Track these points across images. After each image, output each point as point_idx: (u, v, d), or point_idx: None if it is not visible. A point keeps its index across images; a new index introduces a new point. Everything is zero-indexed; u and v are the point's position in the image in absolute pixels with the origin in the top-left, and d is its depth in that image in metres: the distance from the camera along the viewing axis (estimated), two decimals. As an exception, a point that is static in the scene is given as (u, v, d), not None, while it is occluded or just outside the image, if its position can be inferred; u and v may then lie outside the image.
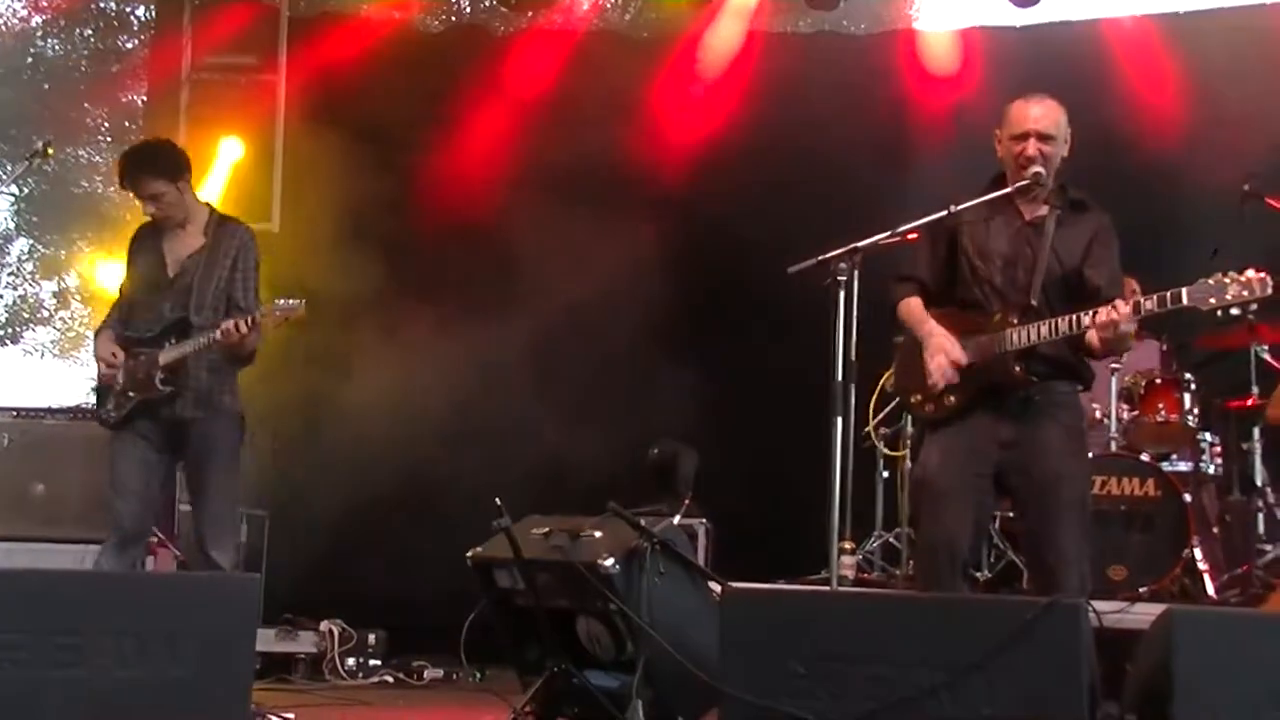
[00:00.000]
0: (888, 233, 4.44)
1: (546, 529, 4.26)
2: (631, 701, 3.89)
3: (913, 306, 4.52)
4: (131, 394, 5.07)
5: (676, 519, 6.41)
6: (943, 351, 4.34)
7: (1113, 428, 6.55)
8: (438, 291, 8.20)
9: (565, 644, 4.23)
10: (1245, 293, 3.93)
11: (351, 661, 6.85)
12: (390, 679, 6.79)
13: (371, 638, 6.98)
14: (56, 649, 3.57)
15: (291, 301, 4.91)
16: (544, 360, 8.29)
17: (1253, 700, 3.27)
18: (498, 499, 4.17)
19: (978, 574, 6.41)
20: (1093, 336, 4.19)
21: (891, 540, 7.11)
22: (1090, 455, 5.07)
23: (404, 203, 8.18)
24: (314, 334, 7.34)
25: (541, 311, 7.96)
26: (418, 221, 8.25)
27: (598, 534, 4.14)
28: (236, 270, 5.20)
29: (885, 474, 7.22)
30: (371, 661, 6.90)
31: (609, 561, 4.02)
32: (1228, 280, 3.95)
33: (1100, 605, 4.02)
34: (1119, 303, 4.11)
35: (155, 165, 5.18)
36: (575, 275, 8.04)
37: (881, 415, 6.98)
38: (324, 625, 6.84)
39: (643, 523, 4.12)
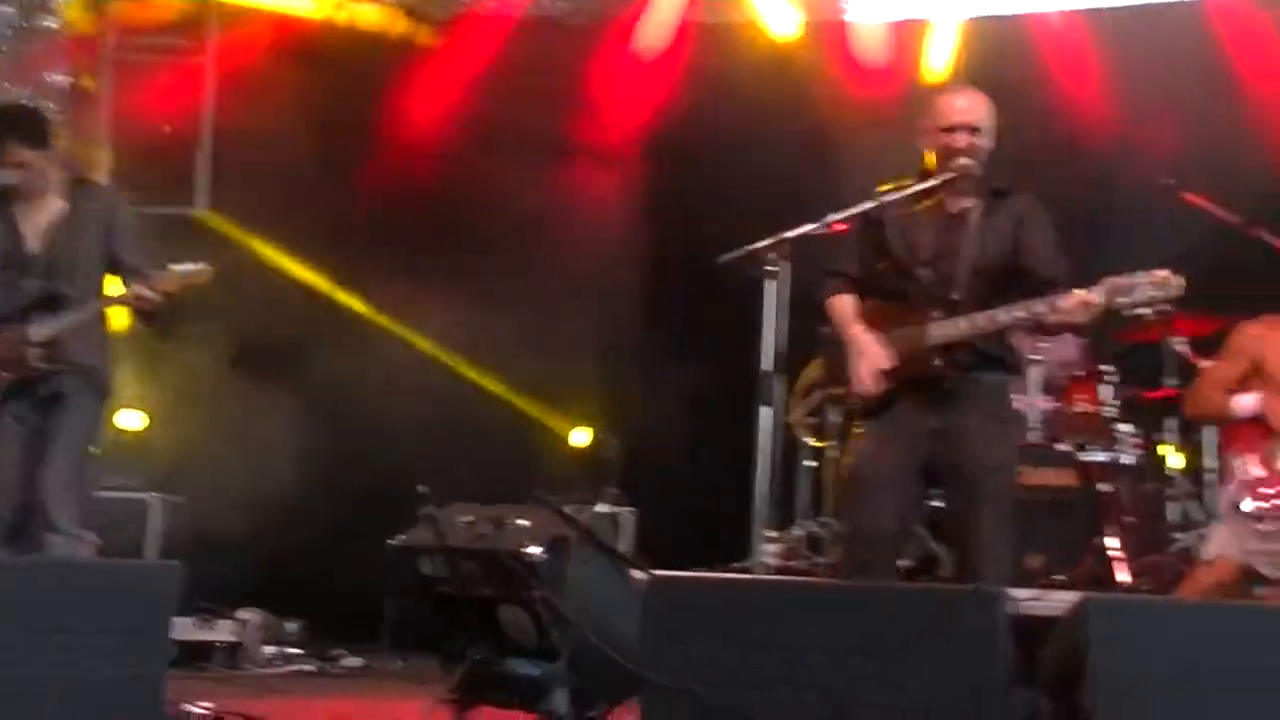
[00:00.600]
0: (816, 224, 4.46)
1: (472, 517, 4.24)
2: (554, 689, 3.88)
3: (841, 305, 4.53)
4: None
5: (602, 507, 6.43)
6: (866, 359, 4.35)
7: (1033, 418, 6.65)
8: (371, 274, 8.17)
9: (488, 632, 4.22)
10: (1157, 293, 3.99)
11: (269, 650, 6.78)
12: (309, 668, 6.73)
13: (290, 626, 6.92)
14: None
15: (192, 266, 4.77)
16: (471, 346, 8.27)
17: (1160, 682, 3.33)
18: (421, 487, 4.14)
19: (900, 563, 6.48)
20: (1052, 319, 4.19)
21: (815, 529, 7.16)
22: (1012, 445, 5.14)
23: (338, 186, 8.12)
24: (239, 317, 7.27)
25: (471, 299, 7.93)
26: (351, 202, 8.20)
27: (523, 522, 4.13)
28: (115, 231, 4.96)
29: (810, 463, 7.28)
30: (290, 650, 6.83)
31: (534, 550, 4.02)
32: (1141, 280, 4.01)
33: (1017, 592, 4.08)
34: (1077, 293, 4.11)
35: (24, 131, 4.89)
36: (508, 262, 8.04)
37: (808, 404, 7.03)
38: (241, 614, 6.76)
39: (568, 511, 4.11)
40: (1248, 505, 4.83)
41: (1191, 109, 7.51)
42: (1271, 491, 4.81)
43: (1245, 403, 4.94)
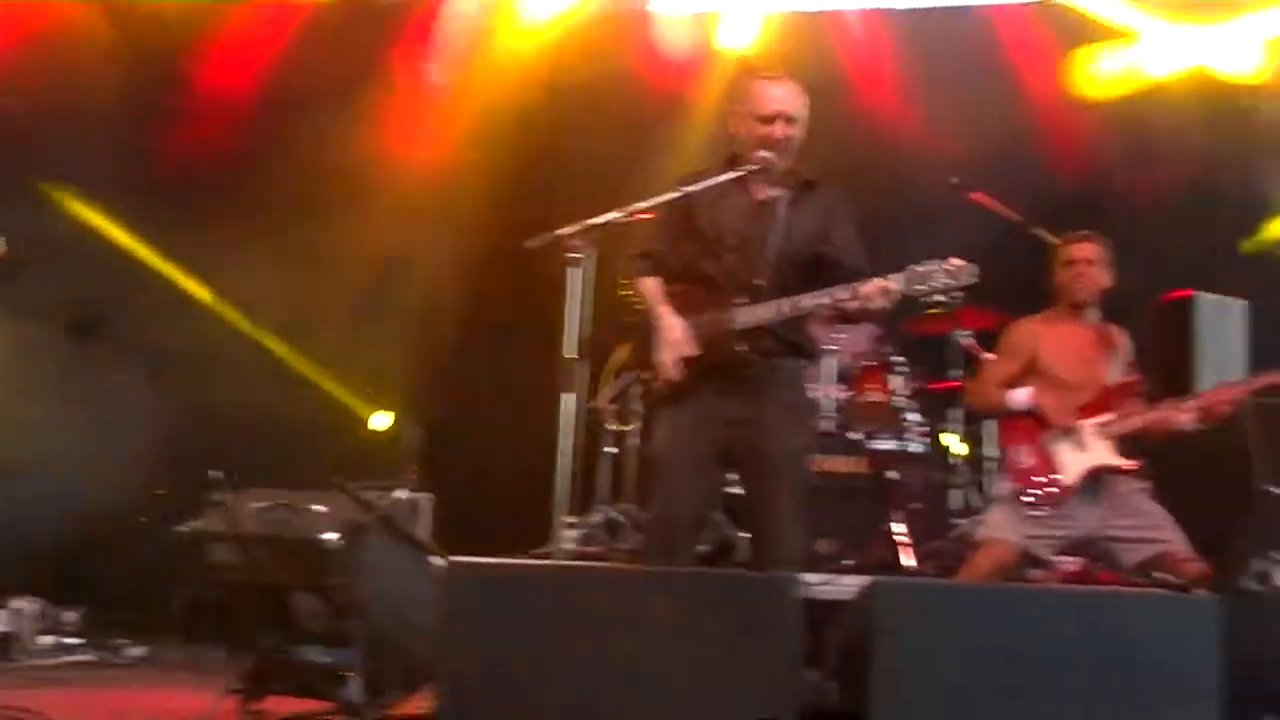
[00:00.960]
0: (623, 210, 4.47)
1: (266, 502, 4.14)
2: (347, 677, 3.83)
3: (649, 287, 4.55)
4: None
5: (401, 493, 6.35)
6: (670, 344, 4.39)
7: (826, 407, 6.81)
8: (182, 243, 7.98)
9: (279, 620, 4.13)
10: (951, 281, 4.13)
11: (47, 640, 6.51)
12: (89, 658, 6.47)
13: (69, 615, 6.64)
14: None
15: None
16: (272, 327, 8.09)
17: (941, 660, 3.48)
18: (214, 471, 4.03)
19: (698, 548, 6.58)
20: (852, 305, 4.28)
21: (615, 515, 7.21)
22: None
23: (150, 150, 7.87)
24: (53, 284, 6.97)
25: (281, 274, 7.77)
26: (162, 168, 7.95)
27: (319, 508, 4.05)
28: None
29: (611, 449, 7.32)
30: (68, 640, 6.56)
31: (330, 536, 3.95)
32: (936, 269, 4.15)
33: (808, 577, 4.19)
34: (878, 281, 4.22)
35: None
36: (322, 238, 7.88)
37: (610, 390, 7.07)
38: (17, 603, 6.47)
39: (366, 497, 4.05)
40: (1023, 494, 5.05)
41: (978, 112, 7.81)
42: (1043, 480, 5.04)
43: (1019, 397, 5.15)
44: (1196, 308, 6.84)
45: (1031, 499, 5.01)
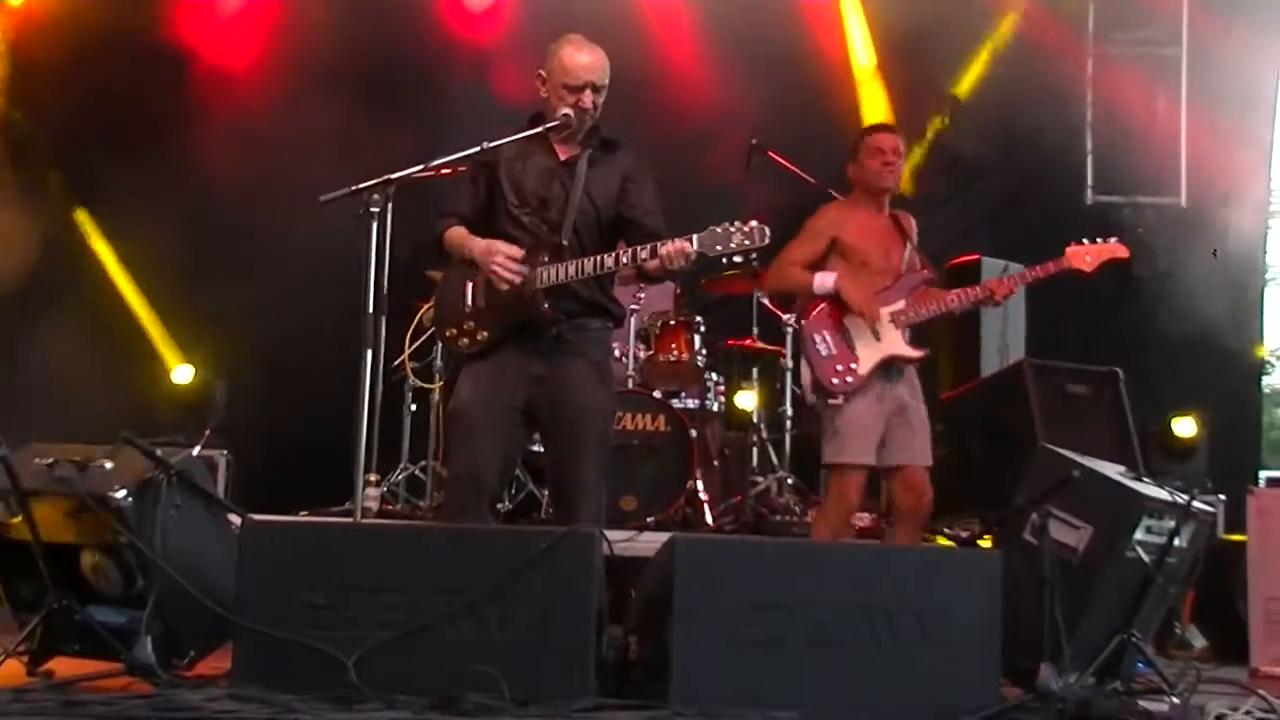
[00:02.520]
0: (421, 166, 4.42)
1: (51, 459, 3.98)
2: (138, 637, 3.72)
3: (457, 232, 4.52)
4: None
5: (196, 450, 6.18)
6: (500, 253, 4.37)
7: (630, 366, 6.89)
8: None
9: (67, 579, 3.99)
10: (747, 241, 4.21)
11: None
12: None
13: None
14: None
15: None
16: (61, 284, 7.80)
17: (736, 612, 3.57)
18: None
19: (500, 506, 6.60)
20: (653, 265, 4.31)
21: (418, 472, 7.17)
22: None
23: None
24: None
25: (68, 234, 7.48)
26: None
27: (109, 464, 3.91)
28: None
29: (414, 407, 7.27)
30: None
31: (120, 493, 3.82)
32: (733, 230, 4.22)
33: (612, 534, 4.24)
34: (691, 238, 4.24)
35: None
36: (139, 184, 7.61)
37: (413, 348, 7.01)
38: None
39: (159, 453, 3.94)
40: (823, 384, 5.17)
41: (769, 70, 7.97)
42: (841, 369, 5.16)
43: (825, 280, 5.23)
44: (982, 270, 7.17)
45: (831, 389, 5.14)
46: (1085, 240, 5.19)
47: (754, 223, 4.22)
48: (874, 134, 5.42)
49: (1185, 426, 7.22)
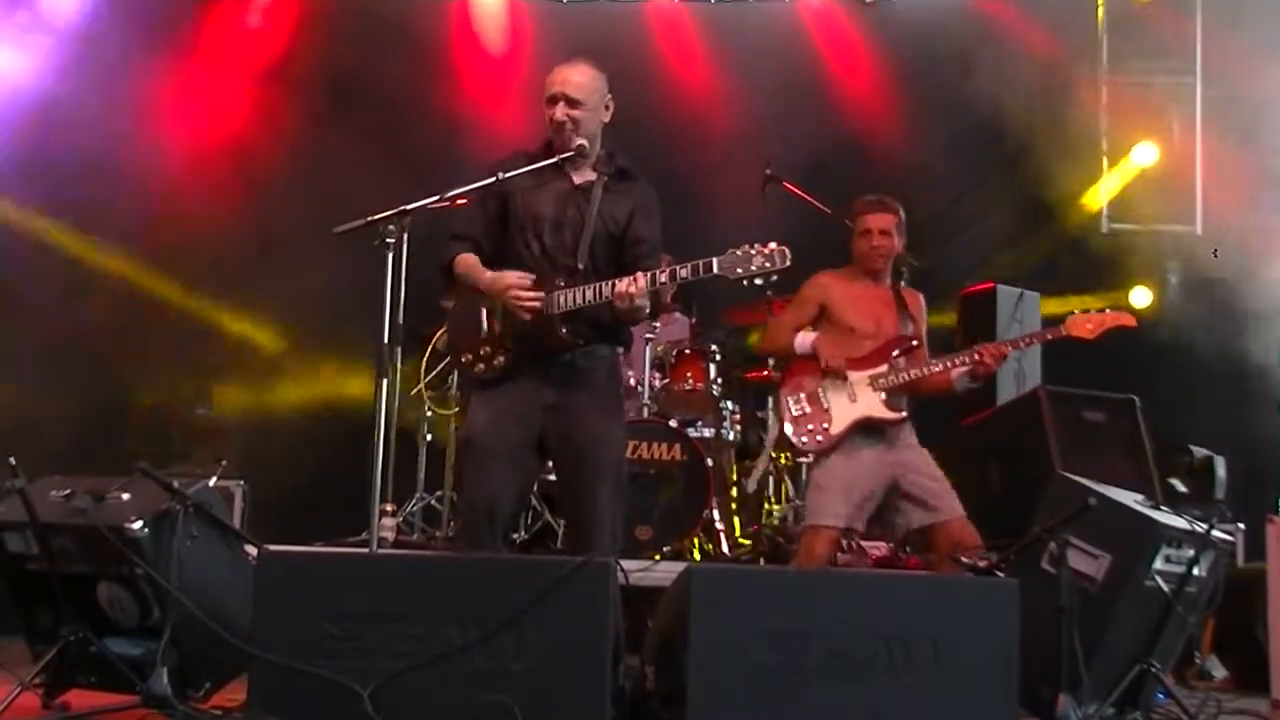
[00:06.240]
0: (437, 196, 4.44)
1: (68, 490, 4.00)
2: (154, 669, 3.72)
3: (468, 261, 4.53)
4: None
5: (212, 481, 6.20)
6: (512, 286, 4.37)
7: (645, 395, 6.89)
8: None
9: (84, 611, 3.99)
10: (768, 264, 4.22)
11: None
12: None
13: None
14: None
15: None
16: (75, 313, 7.84)
17: (752, 642, 3.56)
18: (11, 459, 3.88)
19: (515, 535, 6.59)
20: (615, 304, 4.32)
21: (433, 502, 7.17)
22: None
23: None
24: None
25: (78, 260, 7.52)
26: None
27: (125, 496, 3.93)
28: None
29: (429, 436, 7.27)
30: None
31: (136, 524, 3.83)
32: (753, 252, 4.23)
33: (627, 563, 4.22)
34: (639, 275, 4.27)
35: None
36: (124, 222, 7.65)
37: (429, 377, 7.02)
38: None
39: (174, 484, 3.95)
40: (794, 440, 5.21)
41: (785, 102, 8.01)
42: (812, 428, 5.19)
43: (803, 341, 5.29)
44: (998, 298, 7.17)
45: (801, 446, 5.19)
46: (1090, 310, 5.21)
47: (773, 245, 4.22)
48: (866, 213, 5.38)
49: (1203, 455, 7.18)
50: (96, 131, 7.47)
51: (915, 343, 5.28)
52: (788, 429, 5.23)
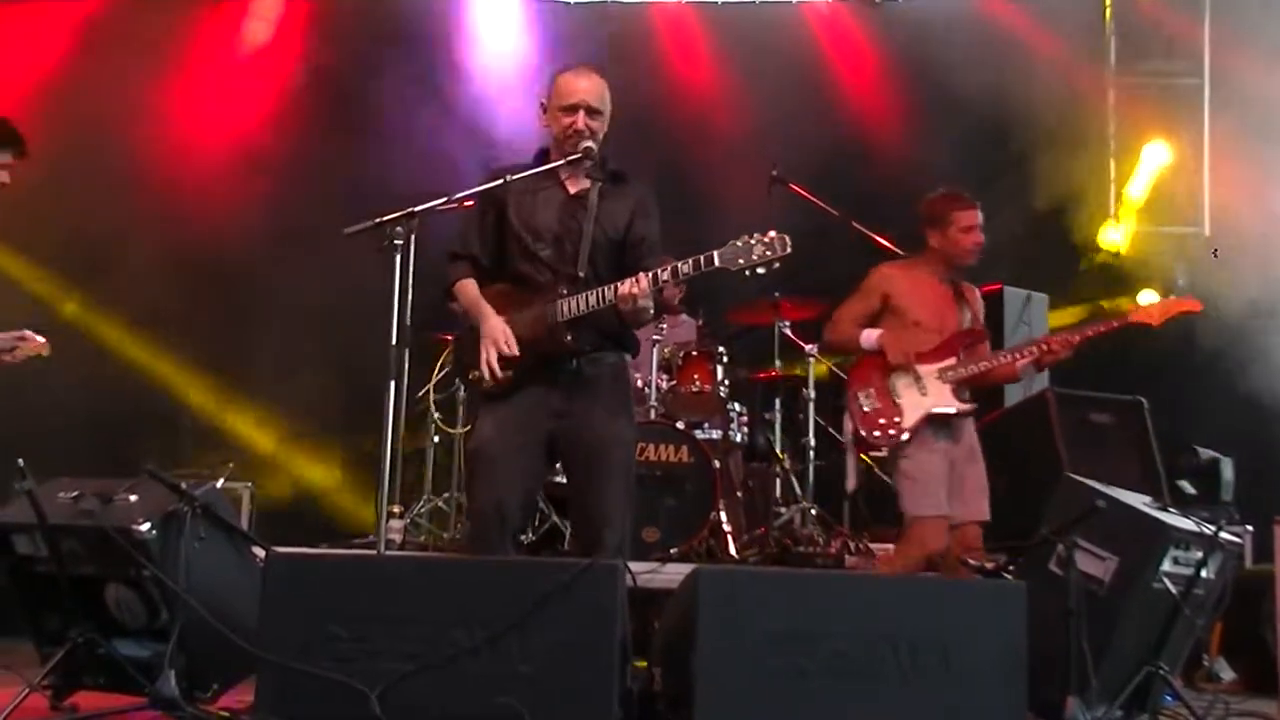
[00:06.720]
0: (444, 199, 4.44)
1: (76, 492, 4.01)
2: (162, 670, 3.73)
3: (467, 290, 4.52)
4: None
5: (220, 482, 6.21)
6: (494, 345, 4.37)
7: (652, 397, 6.89)
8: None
9: (91, 612, 4.00)
10: (769, 252, 4.21)
11: None
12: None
13: None
14: None
15: None
16: (83, 321, 7.87)
17: (759, 644, 3.55)
18: (20, 460, 3.88)
19: (523, 537, 6.58)
20: (619, 306, 4.33)
21: (441, 504, 7.17)
22: (631, 422, 5.29)
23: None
24: None
25: (88, 262, 7.53)
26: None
27: (133, 498, 3.94)
28: None
29: (436, 439, 7.28)
30: None
31: (144, 526, 3.84)
32: (753, 241, 4.22)
33: (635, 566, 4.22)
34: (640, 275, 4.27)
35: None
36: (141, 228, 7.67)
37: (436, 380, 7.03)
38: None
39: (182, 486, 3.95)
40: (865, 436, 5.24)
41: (789, 104, 8.01)
42: (884, 422, 5.22)
43: (870, 335, 5.33)
44: (1005, 300, 7.16)
45: (873, 442, 5.24)
46: (1156, 295, 5.24)
47: (773, 233, 4.21)
48: (962, 209, 5.38)
49: (1210, 456, 7.16)
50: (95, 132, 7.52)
51: (983, 338, 5.35)
52: (858, 423, 5.28)
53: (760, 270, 4.23)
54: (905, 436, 5.18)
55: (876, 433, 5.22)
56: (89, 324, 8.00)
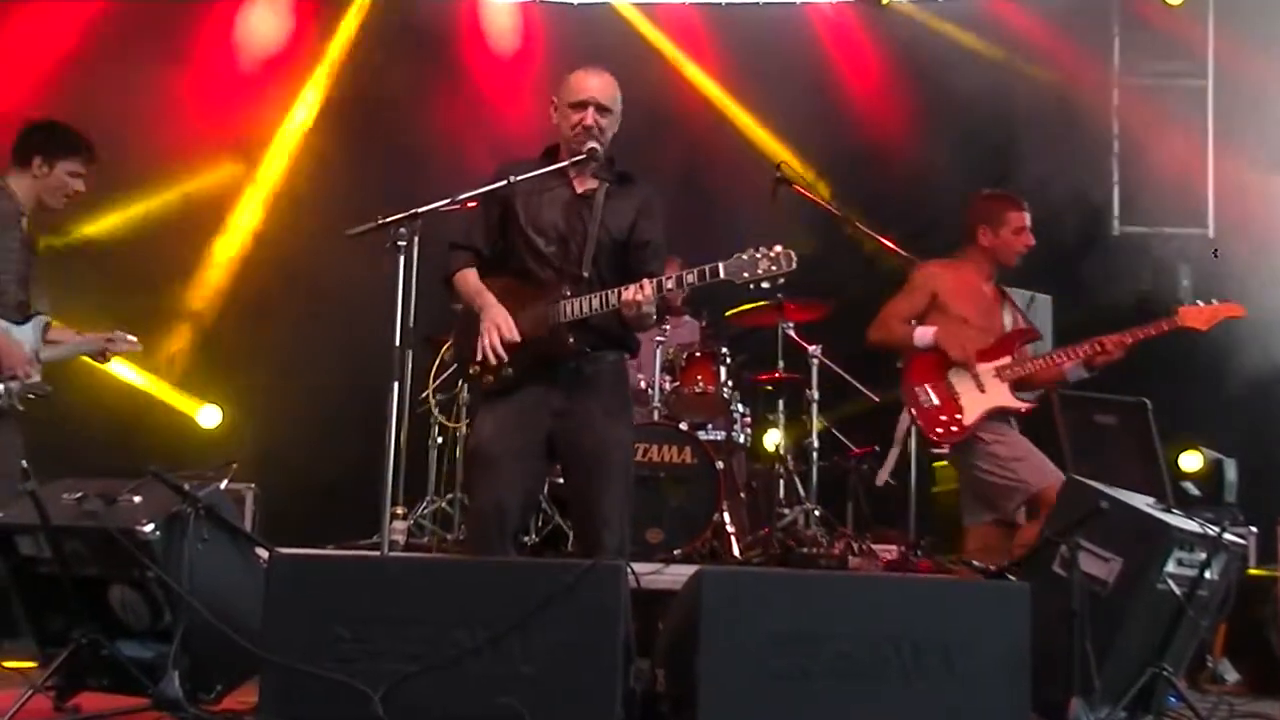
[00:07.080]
0: (447, 200, 4.44)
1: (80, 493, 4.01)
2: (166, 672, 3.73)
3: (468, 278, 4.53)
4: None
5: (223, 483, 6.21)
6: (495, 329, 4.38)
7: (655, 398, 6.89)
8: None
9: (95, 614, 4.00)
10: (774, 267, 4.21)
11: None
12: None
13: None
14: None
15: None
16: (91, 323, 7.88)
17: (763, 645, 3.55)
18: (23, 462, 3.89)
19: (525, 539, 6.59)
20: (623, 310, 4.34)
21: (444, 505, 7.17)
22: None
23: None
24: None
25: (96, 271, 7.55)
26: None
27: (137, 498, 3.94)
28: None
29: (439, 439, 7.28)
30: None
31: (148, 527, 3.84)
32: (759, 255, 4.23)
33: (638, 566, 4.22)
34: (645, 282, 4.27)
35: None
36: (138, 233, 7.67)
37: (439, 381, 7.03)
38: None
39: (186, 487, 3.95)
40: (929, 433, 5.31)
41: (792, 105, 8.01)
42: (946, 419, 5.24)
43: (924, 334, 5.36)
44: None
45: (935, 436, 5.29)
46: (1199, 301, 5.26)
47: (779, 248, 4.22)
48: (1018, 210, 5.42)
49: (1213, 458, 7.17)
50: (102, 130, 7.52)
51: (1033, 337, 5.42)
52: (921, 421, 5.32)
53: (765, 285, 4.24)
54: (966, 433, 5.22)
55: (939, 429, 5.27)
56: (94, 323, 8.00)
